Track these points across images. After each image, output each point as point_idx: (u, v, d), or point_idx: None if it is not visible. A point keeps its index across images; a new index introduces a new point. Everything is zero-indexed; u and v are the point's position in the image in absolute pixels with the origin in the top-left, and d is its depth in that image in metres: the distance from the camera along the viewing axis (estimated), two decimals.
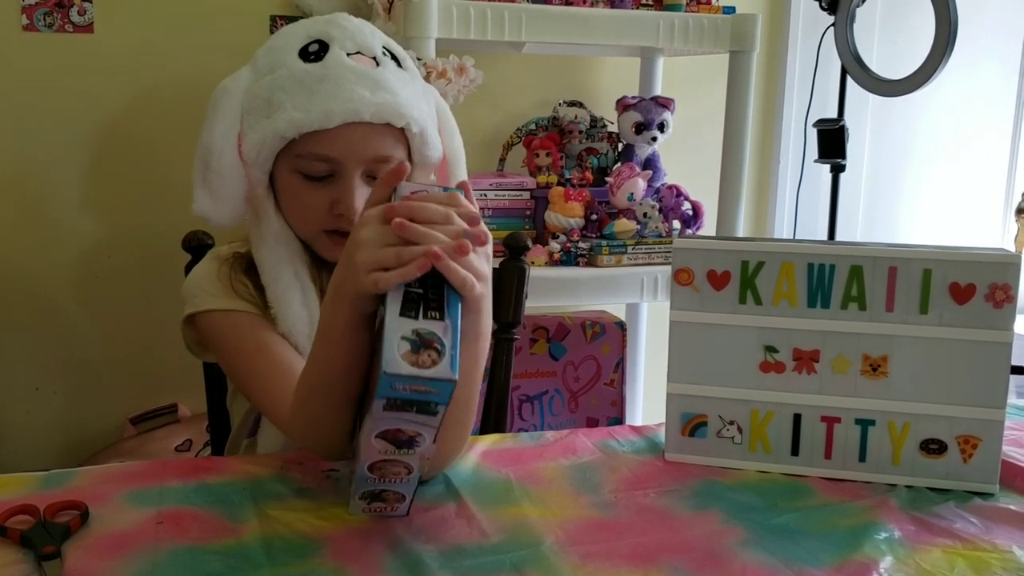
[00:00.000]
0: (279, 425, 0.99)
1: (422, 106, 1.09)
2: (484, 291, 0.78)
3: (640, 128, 2.06)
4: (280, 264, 1.07)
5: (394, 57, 1.09)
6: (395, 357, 0.69)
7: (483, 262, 0.78)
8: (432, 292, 0.74)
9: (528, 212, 2.02)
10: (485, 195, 1.95)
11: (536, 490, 0.92)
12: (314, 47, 1.04)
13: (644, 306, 2.42)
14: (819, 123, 2.32)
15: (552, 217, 1.97)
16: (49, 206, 2.02)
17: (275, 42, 1.08)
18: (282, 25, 2.05)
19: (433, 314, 0.73)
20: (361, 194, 1.05)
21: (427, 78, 1.66)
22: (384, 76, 1.04)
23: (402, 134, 1.07)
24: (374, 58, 1.05)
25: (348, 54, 1.04)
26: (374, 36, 1.09)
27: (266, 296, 1.07)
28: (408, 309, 0.72)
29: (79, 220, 2.04)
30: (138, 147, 2.04)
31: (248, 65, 1.09)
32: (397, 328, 0.71)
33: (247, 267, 1.10)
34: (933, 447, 0.96)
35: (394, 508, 0.83)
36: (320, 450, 0.93)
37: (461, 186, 0.82)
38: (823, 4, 2.25)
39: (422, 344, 0.70)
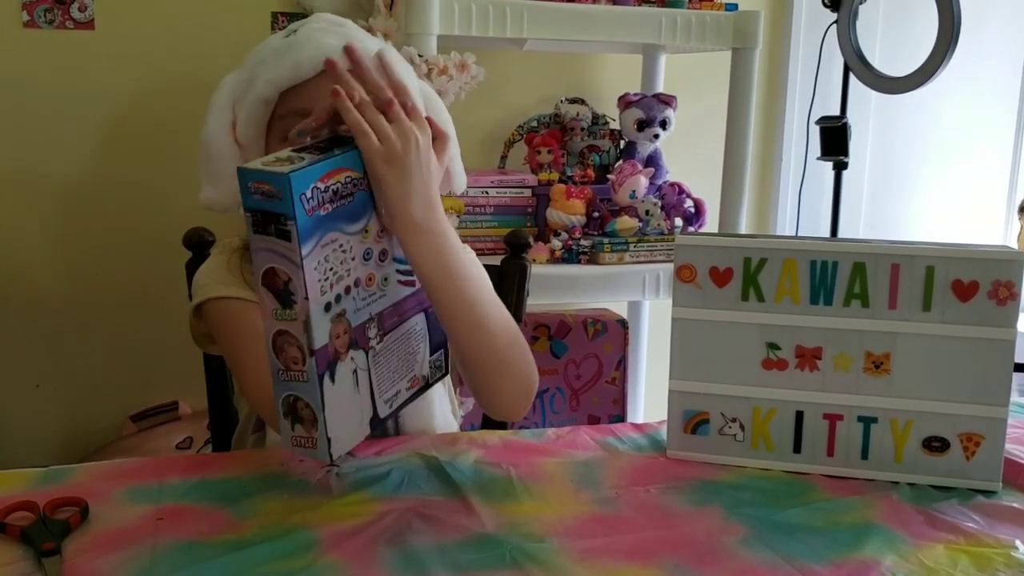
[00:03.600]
0: (262, 415, 1.00)
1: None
2: (409, 182, 0.85)
3: (642, 125, 2.05)
4: None
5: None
6: (251, 162, 0.78)
7: (409, 141, 0.85)
8: (337, 149, 0.82)
9: (530, 209, 2.01)
10: (487, 192, 1.95)
11: (537, 486, 0.92)
12: (292, 29, 1.08)
13: (646, 304, 2.41)
14: (821, 120, 2.31)
15: (554, 214, 1.97)
16: (49, 203, 2.02)
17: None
18: (283, 22, 2.05)
19: (306, 152, 0.80)
20: None
21: (428, 74, 1.66)
22: (356, 32, 1.07)
23: None
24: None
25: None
26: (356, 30, 1.10)
27: None
28: (296, 150, 0.80)
29: (79, 217, 2.04)
30: (139, 144, 2.03)
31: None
32: (269, 155, 0.79)
33: None
34: (936, 445, 0.95)
35: (312, 440, 0.81)
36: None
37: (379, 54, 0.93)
38: (825, 1, 2.24)
39: (279, 159, 0.78)
